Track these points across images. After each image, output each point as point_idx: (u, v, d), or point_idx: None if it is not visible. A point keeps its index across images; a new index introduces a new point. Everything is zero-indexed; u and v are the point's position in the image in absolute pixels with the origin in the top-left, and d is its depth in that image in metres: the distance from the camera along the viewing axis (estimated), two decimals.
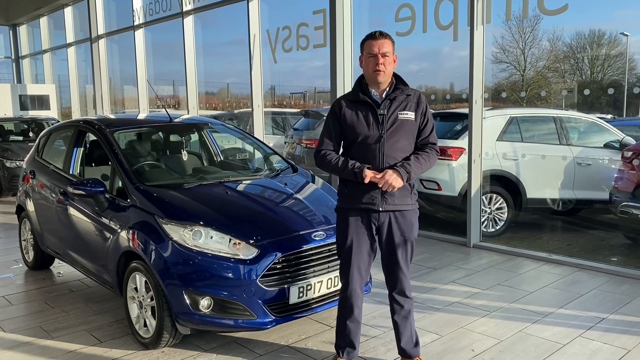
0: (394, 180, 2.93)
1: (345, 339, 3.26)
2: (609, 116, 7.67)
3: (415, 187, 3.17)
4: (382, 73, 3.01)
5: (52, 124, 8.22)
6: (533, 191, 6.73)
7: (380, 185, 2.95)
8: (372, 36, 3.03)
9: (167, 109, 5.18)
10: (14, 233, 6.40)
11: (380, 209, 3.04)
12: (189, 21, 10.22)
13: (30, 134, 11.23)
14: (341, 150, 3.20)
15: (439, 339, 3.79)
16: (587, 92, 7.66)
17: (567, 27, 6.90)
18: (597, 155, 6.90)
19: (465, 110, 6.19)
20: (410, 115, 3.06)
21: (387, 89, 3.09)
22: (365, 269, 3.17)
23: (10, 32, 18.46)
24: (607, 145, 6.93)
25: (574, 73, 7.76)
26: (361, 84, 3.13)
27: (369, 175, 2.95)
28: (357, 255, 3.11)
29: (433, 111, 7.89)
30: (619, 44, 7.17)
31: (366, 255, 3.14)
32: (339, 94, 7.25)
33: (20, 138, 11.11)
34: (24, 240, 5.70)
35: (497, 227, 6.60)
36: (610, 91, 7.56)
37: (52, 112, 15.52)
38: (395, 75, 3.12)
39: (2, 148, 10.31)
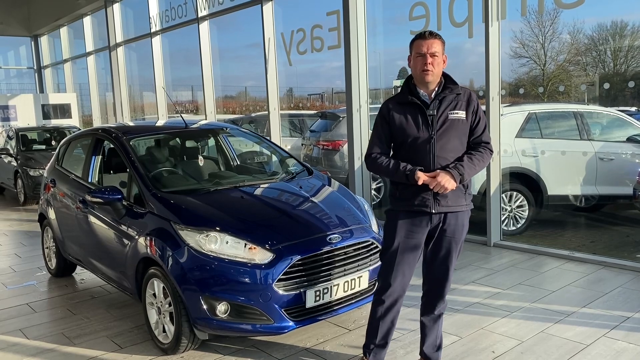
0: (446, 182, 2.84)
1: (376, 340, 3.21)
2: (634, 109, 7.50)
3: (470, 187, 3.08)
4: (430, 73, 2.92)
5: (74, 132, 8.35)
6: (554, 188, 6.62)
7: (431, 187, 2.88)
8: (422, 36, 2.96)
9: (182, 115, 5.22)
10: (38, 241, 6.51)
11: (433, 211, 2.97)
12: (204, 27, 10.30)
13: (53, 143, 11.44)
14: (391, 153, 3.13)
15: (459, 340, 3.75)
16: (609, 85, 7.50)
17: (588, 19, 6.77)
18: (620, 149, 6.76)
19: (483, 108, 6.11)
20: (461, 114, 2.97)
21: (436, 88, 3.01)
22: (410, 272, 3.11)
23: (32, 43, 18.87)
24: (630, 139, 6.78)
25: (596, 66, 7.60)
26: (409, 85, 3.05)
27: (422, 177, 2.87)
28: (402, 258, 3.04)
29: None
30: None
31: (413, 258, 3.07)
32: (354, 94, 7.23)
33: (43, 147, 11.32)
34: (47, 248, 5.80)
35: (518, 226, 6.51)
36: (634, 84, 7.38)
37: (74, 121, 15.79)
38: (444, 75, 3.04)
39: (25, 157, 10.52)
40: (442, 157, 2.93)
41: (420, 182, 2.87)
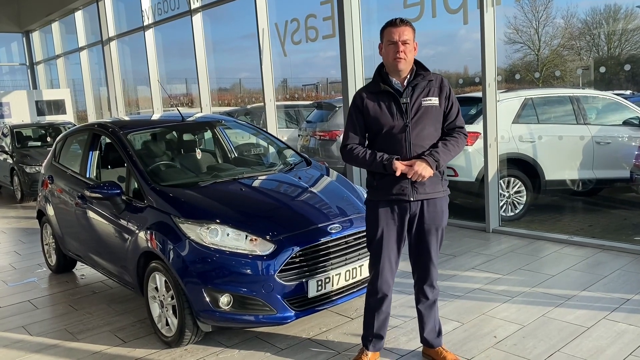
0: (423, 170, 2.86)
1: (373, 331, 3.23)
2: (629, 92, 7.50)
3: (445, 173, 3.11)
4: (402, 61, 2.92)
5: (69, 128, 8.31)
6: (552, 173, 6.63)
7: (409, 177, 2.90)
8: (392, 23, 2.94)
9: (179, 109, 5.20)
10: (37, 238, 6.50)
11: (412, 199, 2.98)
12: (197, 19, 10.23)
13: (48, 139, 11.38)
14: (367, 143, 3.14)
15: (460, 326, 3.77)
16: (604, 69, 7.50)
17: (582, 2, 6.76)
18: (617, 133, 6.77)
19: (479, 94, 6.12)
20: (434, 100, 2.98)
21: (408, 76, 3.00)
22: (396, 260, 3.13)
23: (24, 39, 18.71)
24: (626, 123, 6.79)
25: (590, 50, 7.59)
26: (381, 73, 3.05)
27: (399, 167, 2.88)
28: (387, 246, 3.06)
29: None
30: (635, 17, 7.00)
31: (396, 247, 3.09)
32: (350, 83, 7.21)
33: (39, 143, 11.26)
34: (46, 244, 5.79)
35: (516, 211, 6.53)
36: (629, 67, 7.39)
37: (68, 116, 15.70)
38: (415, 62, 3.03)
39: (21, 154, 10.47)
40: (418, 144, 2.95)
41: (398, 173, 2.88)
